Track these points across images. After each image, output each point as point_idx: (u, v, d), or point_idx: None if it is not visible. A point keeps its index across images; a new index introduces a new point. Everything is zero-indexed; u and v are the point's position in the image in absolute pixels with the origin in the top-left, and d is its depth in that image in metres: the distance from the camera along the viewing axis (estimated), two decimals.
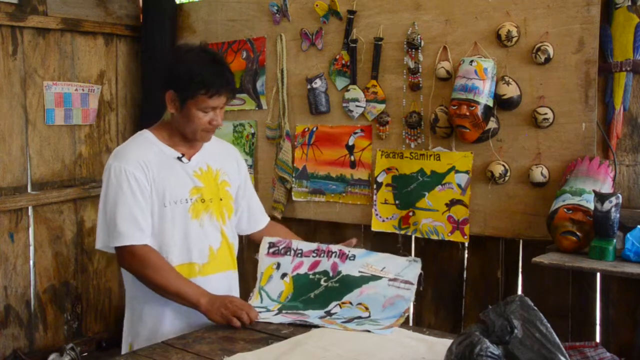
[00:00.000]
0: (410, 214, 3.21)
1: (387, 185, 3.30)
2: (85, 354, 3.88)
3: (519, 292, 3.03)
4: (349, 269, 2.21)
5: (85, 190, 4.01)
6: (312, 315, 2.12)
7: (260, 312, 2.13)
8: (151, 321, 2.18)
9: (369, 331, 1.98)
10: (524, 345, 1.45)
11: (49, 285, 3.89)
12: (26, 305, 3.79)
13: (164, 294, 2.09)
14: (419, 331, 2.01)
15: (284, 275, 2.25)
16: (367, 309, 2.12)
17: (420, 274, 2.17)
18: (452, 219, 3.10)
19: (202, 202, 2.19)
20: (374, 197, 3.33)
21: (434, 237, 3.16)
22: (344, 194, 3.48)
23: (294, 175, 3.62)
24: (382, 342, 1.89)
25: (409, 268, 2.18)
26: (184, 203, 2.15)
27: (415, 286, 2.14)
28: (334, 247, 2.27)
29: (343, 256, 2.23)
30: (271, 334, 1.98)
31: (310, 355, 1.77)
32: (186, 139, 2.19)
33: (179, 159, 2.17)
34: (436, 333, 1.99)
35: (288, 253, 2.29)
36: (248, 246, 2.34)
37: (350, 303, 2.14)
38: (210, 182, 2.23)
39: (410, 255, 2.18)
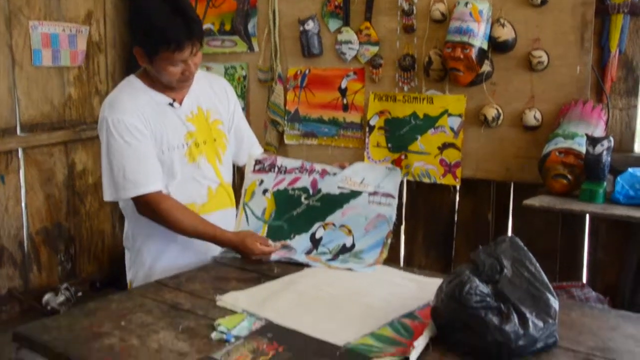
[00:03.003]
0: (403, 157, 3.21)
1: (380, 128, 3.28)
2: (80, 294, 3.91)
3: (509, 234, 3.06)
4: (328, 186, 2.20)
5: (75, 132, 3.97)
6: (299, 250, 2.15)
7: None
8: (149, 261, 2.21)
9: (351, 269, 2.00)
10: (513, 284, 1.47)
11: (41, 227, 3.89)
12: (19, 246, 3.80)
13: (188, 235, 2.13)
14: (409, 271, 2.03)
15: (265, 191, 2.26)
16: (350, 231, 2.14)
17: (401, 183, 2.14)
18: (444, 162, 3.10)
19: (196, 146, 2.18)
20: (366, 140, 3.32)
21: (426, 180, 3.17)
22: (336, 137, 3.46)
23: (286, 118, 3.60)
24: (374, 282, 1.91)
25: (389, 177, 2.17)
26: (180, 148, 2.14)
27: (396, 200, 2.14)
28: (318, 166, 2.27)
29: (324, 173, 2.23)
30: (263, 273, 2.00)
31: (302, 294, 1.79)
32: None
33: (171, 104, 2.14)
34: (427, 273, 2.01)
35: (272, 170, 2.29)
36: (241, 184, 2.34)
37: (334, 224, 2.16)
38: (202, 124, 2.21)
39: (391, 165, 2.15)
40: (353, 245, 2.13)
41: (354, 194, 2.17)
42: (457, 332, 1.44)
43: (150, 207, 2.08)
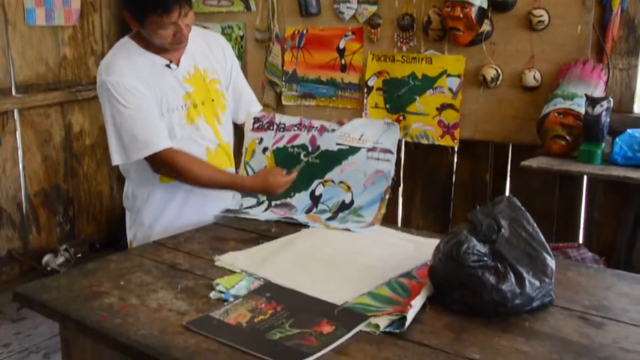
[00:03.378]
0: (401, 118, 3.19)
1: (378, 89, 3.26)
2: (79, 255, 3.94)
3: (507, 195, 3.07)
4: (327, 142, 2.20)
5: (71, 93, 3.94)
6: (300, 208, 2.17)
7: (250, 206, 2.21)
8: (148, 222, 2.21)
9: (349, 230, 2.01)
10: (510, 243, 1.48)
11: (39, 188, 3.90)
12: (18, 207, 3.81)
13: (207, 187, 2.16)
14: (407, 232, 2.03)
15: (265, 149, 2.27)
16: (349, 188, 2.15)
17: (399, 139, 2.14)
18: (442, 123, 3.09)
19: (194, 107, 2.16)
20: (365, 101, 3.30)
21: (424, 141, 3.16)
22: (334, 98, 3.44)
23: (283, 79, 3.57)
24: (372, 242, 1.92)
25: (387, 133, 2.17)
26: (179, 110, 2.12)
27: (394, 155, 2.14)
28: (316, 122, 2.26)
29: (322, 129, 2.23)
30: (261, 234, 2.01)
31: (300, 254, 1.80)
32: None
33: (168, 66, 2.11)
34: (424, 233, 2.02)
35: (271, 128, 2.29)
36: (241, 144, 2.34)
37: (333, 181, 2.17)
38: (200, 84, 2.19)
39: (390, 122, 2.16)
40: (352, 202, 2.14)
41: (353, 150, 2.17)
42: (454, 292, 1.45)
43: (166, 164, 2.07)
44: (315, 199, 2.18)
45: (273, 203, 2.23)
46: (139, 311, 1.47)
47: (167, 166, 2.08)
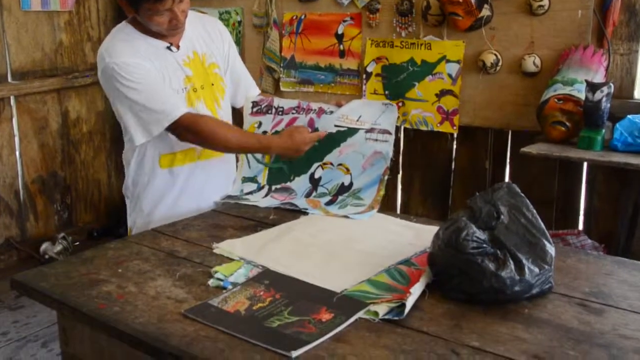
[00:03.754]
0: (400, 104, 3.17)
1: (377, 75, 3.24)
2: (77, 243, 3.94)
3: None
4: (325, 124, 2.20)
5: (68, 80, 3.92)
6: (299, 192, 2.18)
7: (250, 191, 2.22)
8: (147, 209, 2.21)
9: (347, 217, 2.02)
10: (510, 230, 1.47)
11: (37, 176, 3.89)
12: (15, 195, 3.80)
13: (233, 150, 2.19)
14: (406, 218, 2.03)
15: (264, 133, 2.27)
16: (348, 170, 2.15)
17: (398, 117, 2.13)
18: (441, 109, 3.08)
19: (194, 91, 2.15)
20: (363, 87, 3.28)
21: (423, 128, 3.15)
22: (332, 84, 3.42)
23: (281, 65, 3.55)
24: (371, 229, 1.92)
25: (386, 114, 2.16)
26: (180, 93, 2.11)
27: (393, 136, 2.14)
28: (314, 105, 2.26)
29: (321, 112, 2.23)
30: (259, 221, 2.01)
31: (298, 242, 1.80)
32: None
33: (169, 48, 2.10)
34: (423, 220, 2.01)
35: (269, 111, 2.29)
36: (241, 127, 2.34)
37: (332, 164, 2.18)
38: (199, 68, 2.18)
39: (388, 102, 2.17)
40: (351, 184, 2.14)
41: (351, 132, 2.17)
42: (453, 279, 1.45)
43: (190, 129, 2.03)
44: (315, 182, 2.19)
45: (273, 187, 2.23)
46: (137, 299, 1.47)
47: (191, 132, 2.04)
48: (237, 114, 2.39)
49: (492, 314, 1.39)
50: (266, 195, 2.23)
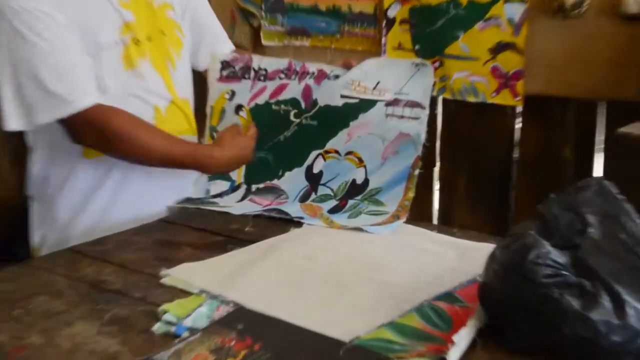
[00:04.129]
0: (437, 64, 3.17)
1: (403, 21, 3.25)
2: None
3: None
4: (327, 95, 2.22)
5: None
6: (291, 195, 2.20)
7: (220, 193, 2.27)
8: (65, 216, 2.22)
9: (361, 229, 2.01)
10: (603, 250, 1.46)
11: None
12: None
13: (157, 164, 2.16)
14: (446, 233, 2.04)
15: (239, 107, 2.31)
16: (361, 161, 2.17)
17: (434, 82, 2.15)
18: (498, 71, 3.07)
19: (136, 43, 2.17)
20: (383, 39, 3.30)
21: (471, 99, 3.15)
22: (338, 36, 3.44)
23: (263, 7, 3.57)
24: (394, 248, 1.93)
25: (416, 78, 2.18)
26: (112, 48, 2.13)
27: (427, 111, 2.16)
28: (312, 67, 2.29)
29: (321, 76, 2.22)
30: (231, 236, 2.02)
31: (288, 267, 1.81)
32: None
33: None
34: (471, 235, 2.03)
35: (247, 75, 2.33)
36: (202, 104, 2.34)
37: (337, 152, 2.19)
38: (144, 10, 2.21)
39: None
40: (366, 181, 2.16)
41: (365, 105, 2.19)
42: (517, 322, 1.44)
43: (96, 126, 2.05)
44: (314, 179, 2.20)
45: (254, 187, 2.26)
46: (45, 355, 1.45)
47: (96, 131, 2.06)
48: (199, 79, 2.39)
49: None
50: (243, 198, 2.26)
